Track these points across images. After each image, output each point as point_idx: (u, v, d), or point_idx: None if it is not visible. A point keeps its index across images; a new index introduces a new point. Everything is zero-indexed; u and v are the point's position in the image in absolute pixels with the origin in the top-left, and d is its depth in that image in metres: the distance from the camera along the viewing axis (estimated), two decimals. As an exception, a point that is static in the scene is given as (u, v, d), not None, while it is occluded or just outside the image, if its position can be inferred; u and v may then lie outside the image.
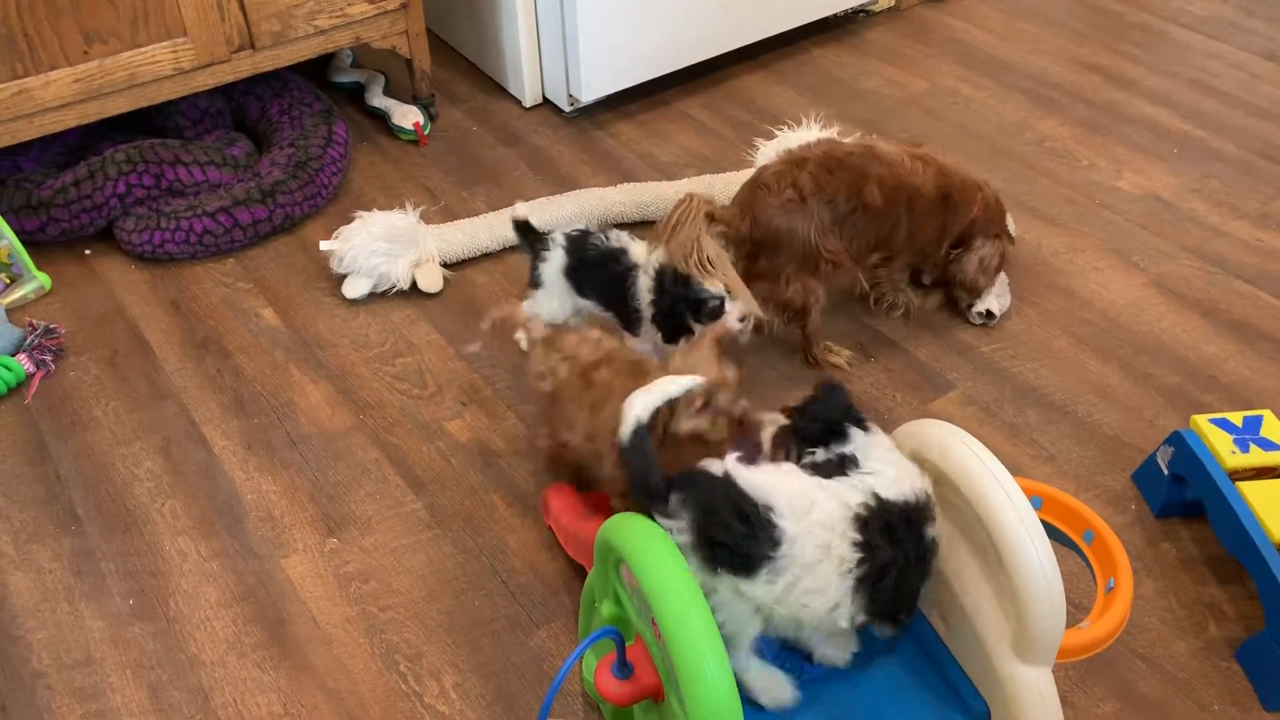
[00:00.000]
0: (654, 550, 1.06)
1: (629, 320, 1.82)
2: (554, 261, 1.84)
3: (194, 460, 1.82)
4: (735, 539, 1.13)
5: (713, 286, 1.71)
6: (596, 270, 1.82)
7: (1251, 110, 2.60)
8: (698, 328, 1.73)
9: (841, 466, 1.24)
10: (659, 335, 1.79)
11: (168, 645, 1.55)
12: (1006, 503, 1.13)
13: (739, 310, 1.73)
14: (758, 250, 1.84)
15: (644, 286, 1.77)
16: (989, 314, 2.01)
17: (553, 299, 1.87)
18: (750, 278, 1.83)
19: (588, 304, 1.86)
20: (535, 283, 1.87)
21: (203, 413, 1.90)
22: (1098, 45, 2.88)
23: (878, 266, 1.96)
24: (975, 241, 1.99)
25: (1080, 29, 2.96)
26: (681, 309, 1.73)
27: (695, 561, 1.14)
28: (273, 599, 1.61)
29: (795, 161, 1.86)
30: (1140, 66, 2.79)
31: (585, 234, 1.84)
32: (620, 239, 1.82)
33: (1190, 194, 2.35)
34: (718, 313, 1.72)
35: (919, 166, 1.89)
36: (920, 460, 1.26)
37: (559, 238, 1.85)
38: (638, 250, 1.81)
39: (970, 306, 2.02)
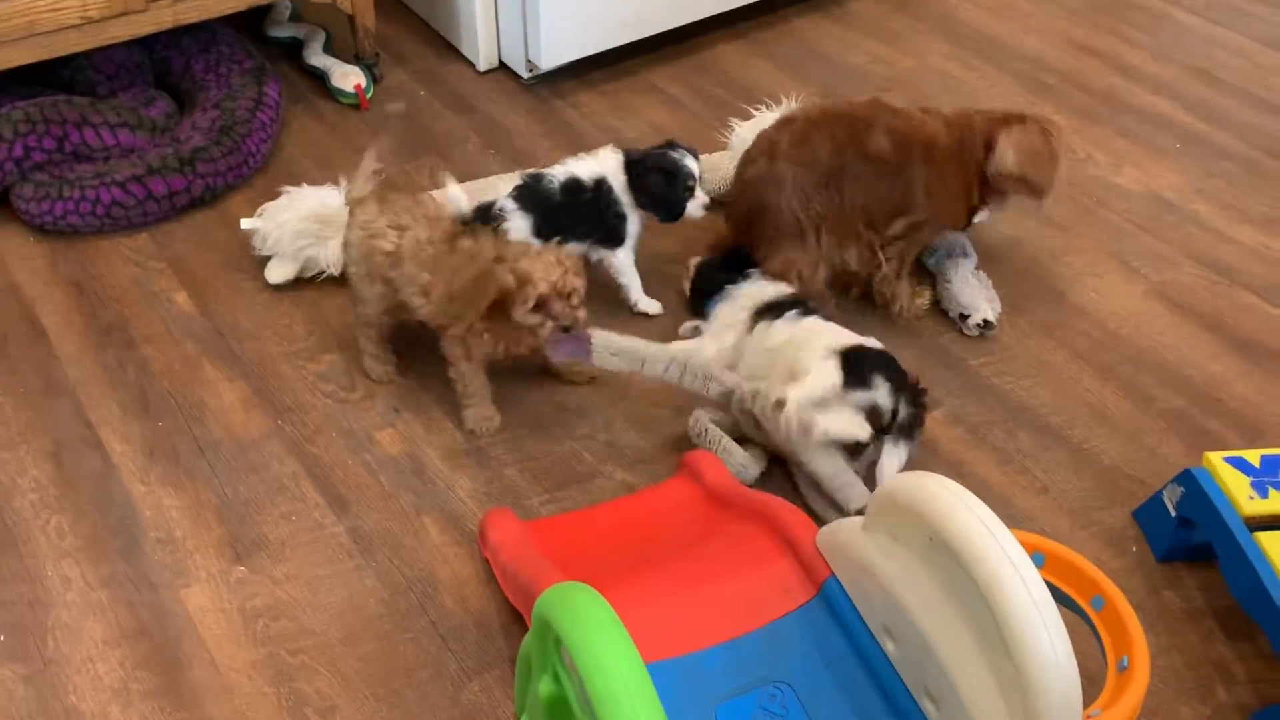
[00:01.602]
0: (601, 644, 0.88)
1: (613, 237, 1.81)
2: (520, 229, 1.75)
3: (87, 468, 1.61)
4: None
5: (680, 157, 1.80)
6: (567, 210, 1.77)
7: (1257, 104, 2.44)
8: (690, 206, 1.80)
9: None
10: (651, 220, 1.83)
11: (41, 692, 1.35)
12: (1019, 585, 0.95)
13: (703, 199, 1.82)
14: (748, 227, 1.79)
15: (620, 186, 1.78)
16: (986, 324, 1.83)
17: None
18: (757, 252, 1.80)
19: (570, 248, 1.78)
20: None
21: (101, 412, 1.69)
22: (1095, 26, 2.70)
23: (900, 238, 1.79)
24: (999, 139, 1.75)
25: (1076, 7, 2.78)
26: (664, 182, 1.76)
27: None
28: (168, 637, 1.41)
29: (784, 121, 1.79)
30: (1140, 51, 2.61)
31: (535, 181, 1.77)
32: (566, 169, 1.79)
33: (1194, 194, 2.18)
34: (693, 183, 1.78)
35: (928, 118, 1.77)
36: (915, 521, 1.09)
37: (506, 203, 1.76)
38: (586, 167, 1.79)
39: (966, 318, 1.84)
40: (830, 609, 1.23)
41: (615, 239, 1.82)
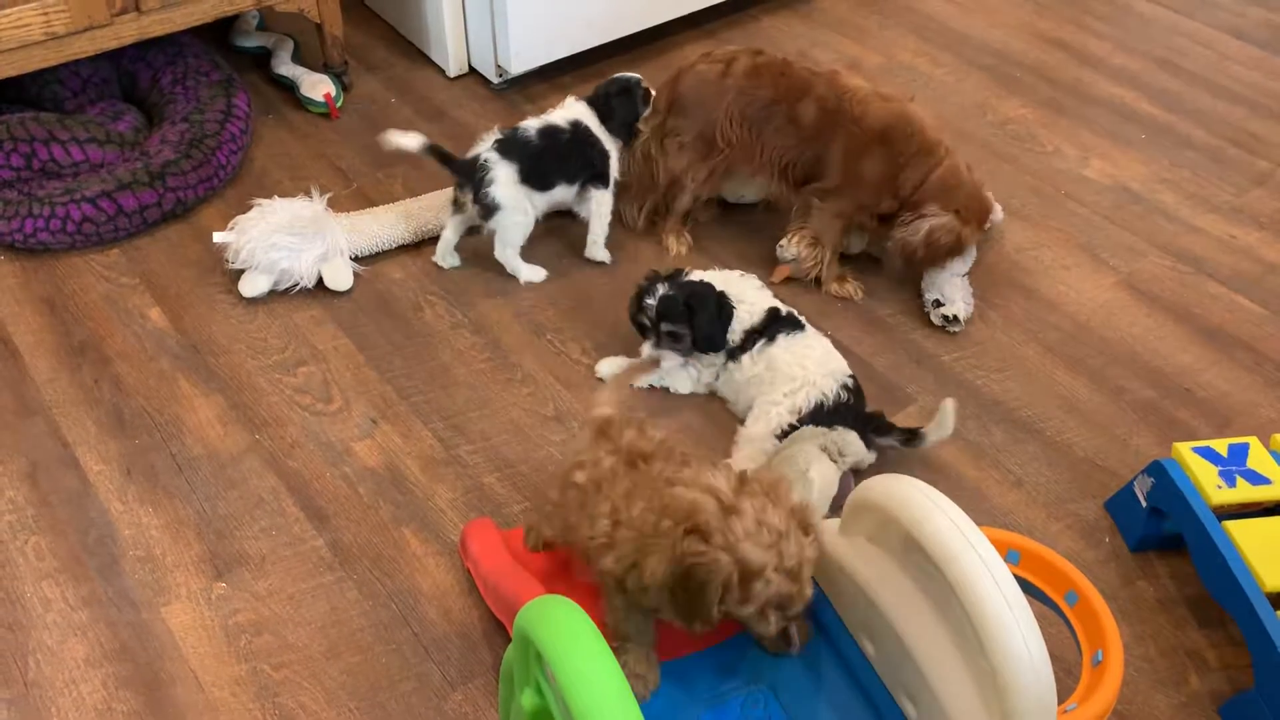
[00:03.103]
0: (581, 657, 0.89)
1: (599, 176, 1.92)
2: (504, 177, 1.84)
3: (64, 488, 1.61)
4: None
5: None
6: (551, 157, 1.87)
7: (1220, 93, 2.46)
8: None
9: None
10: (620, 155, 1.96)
11: (24, 715, 1.35)
12: (992, 587, 0.97)
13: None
14: (670, 108, 1.93)
15: (596, 125, 1.92)
16: (954, 319, 1.85)
17: (518, 212, 1.87)
18: (663, 134, 1.94)
19: (556, 194, 1.91)
20: (489, 210, 1.85)
21: (76, 432, 1.68)
22: (1060, 19, 2.72)
23: (814, 196, 1.90)
24: (929, 207, 1.81)
25: (1042, 0, 2.80)
26: (627, 99, 1.94)
27: None
28: (150, 657, 1.41)
29: (754, 51, 1.93)
30: (1105, 43, 2.63)
31: (514, 134, 1.87)
32: (535, 120, 1.90)
33: (1160, 184, 2.21)
34: (647, 94, 1.96)
35: (875, 100, 1.84)
36: (890, 523, 1.10)
37: (491, 155, 1.84)
38: (559, 114, 1.91)
39: (938, 304, 1.86)
40: (810, 611, 1.24)
41: (604, 177, 1.93)
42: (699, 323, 1.67)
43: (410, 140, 1.83)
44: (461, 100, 2.39)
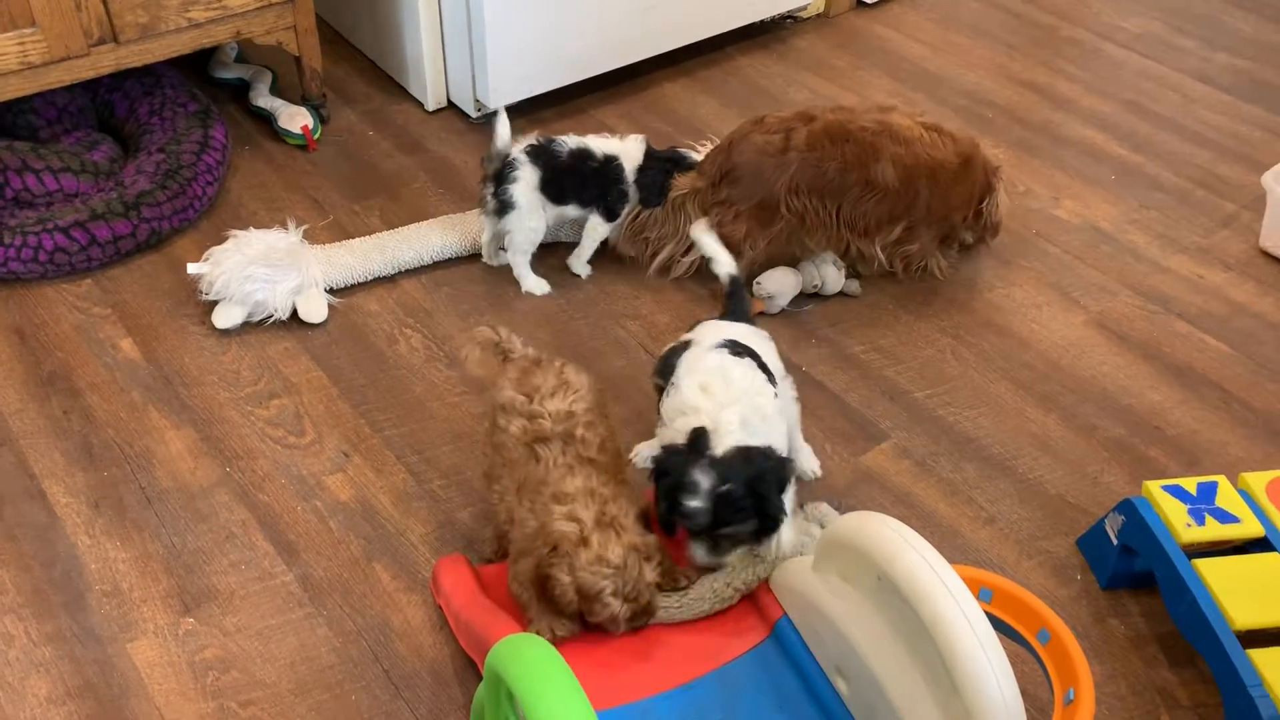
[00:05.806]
0: (552, 697, 0.88)
1: (613, 213, 1.97)
2: (525, 179, 1.90)
3: (30, 522, 1.58)
4: None
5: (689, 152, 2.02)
6: (571, 175, 1.92)
7: (1187, 135, 2.51)
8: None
9: None
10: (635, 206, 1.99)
11: (-16, 754, 1.32)
12: (965, 626, 0.97)
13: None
14: (723, 177, 1.90)
15: (632, 170, 1.94)
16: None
17: (529, 218, 1.93)
18: (712, 202, 1.92)
19: (569, 212, 1.97)
20: (504, 207, 1.91)
21: (44, 464, 1.66)
22: (1031, 61, 2.77)
23: (901, 242, 1.97)
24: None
25: (1013, 42, 2.84)
26: (665, 170, 1.96)
27: None
28: (114, 694, 1.39)
29: (804, 116, 1.90)
30: (1075, 85, 2.68)
31: (548, 144, 1.92)
32: (575, 140, 1.94)
33: (1129, 224, 2.24)
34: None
35: (935, 139, 1.91)
36: (863, 561, 1.10)
37: (520, 156, 1.91)
38: (604, 144, 1.95)
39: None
40: (783, 649, 1.24)
41: (613, 214, 1.98)
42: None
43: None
44: (440, 134, 2.40)
